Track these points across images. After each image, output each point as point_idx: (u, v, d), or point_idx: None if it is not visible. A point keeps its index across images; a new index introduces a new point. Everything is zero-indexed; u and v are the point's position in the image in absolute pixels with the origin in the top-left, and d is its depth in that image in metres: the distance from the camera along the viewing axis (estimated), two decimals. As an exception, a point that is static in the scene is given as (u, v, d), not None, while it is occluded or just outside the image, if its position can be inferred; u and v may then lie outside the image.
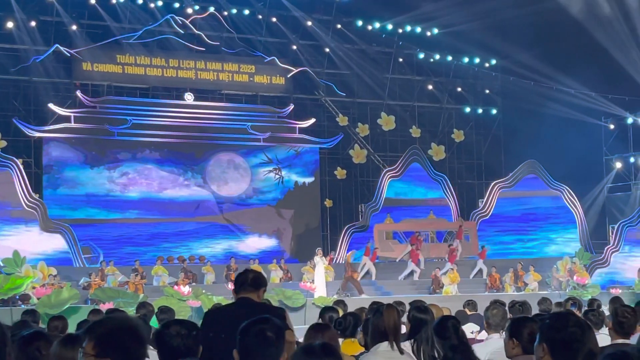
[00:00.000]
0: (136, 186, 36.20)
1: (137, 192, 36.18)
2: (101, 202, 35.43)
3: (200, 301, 26.51)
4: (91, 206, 35.20)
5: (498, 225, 38.74)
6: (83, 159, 35.27)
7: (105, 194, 35.56)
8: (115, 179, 35.83)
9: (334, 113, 40.88)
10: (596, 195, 40.48)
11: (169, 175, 36.84)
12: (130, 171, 36.17)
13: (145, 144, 36.37)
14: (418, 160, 39.54)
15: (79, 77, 36.14)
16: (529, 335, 5.65)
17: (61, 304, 25.24)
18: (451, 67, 42.70)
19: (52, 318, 10.07)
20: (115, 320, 3.85)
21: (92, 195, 35.27)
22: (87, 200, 35.14)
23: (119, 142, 35.90)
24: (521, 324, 5.82)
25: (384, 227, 36.53)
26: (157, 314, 10.74)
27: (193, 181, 37.25)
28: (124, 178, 36.00)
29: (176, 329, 5.04)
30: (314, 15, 39.94)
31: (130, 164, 36.19)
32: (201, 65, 38.15)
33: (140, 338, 3.82)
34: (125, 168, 36.07)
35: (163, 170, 36.72)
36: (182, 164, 37.09)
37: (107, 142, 35.67)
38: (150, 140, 36.36)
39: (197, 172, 37.34)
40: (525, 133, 39.58)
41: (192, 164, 37.27)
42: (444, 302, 20.62)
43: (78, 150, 35.14)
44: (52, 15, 35.49)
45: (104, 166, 35.66)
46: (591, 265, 35.37)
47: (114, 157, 35.89)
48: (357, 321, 8.26)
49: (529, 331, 5.70)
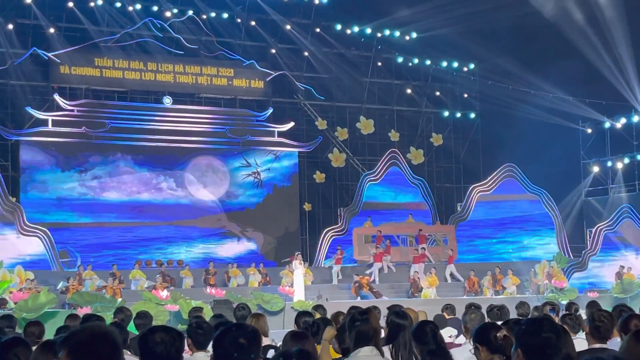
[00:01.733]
0: (113, 190, 36.06)
1: (115, 195, 36.03)
2: (77, 206, 35.24)
3: (178, 305, 26.40)
4: (67, 210, 35.02)
5: (476, 229, 38.84)
6: (55, 163, 35.06)
7: (81, 197, 35.38)
8: (91, 183, 35.66)
9: (313, 117, 40.89)
10: (574, 199, 40.67)
11: (147, 179, 36.72)
12: (107, 175, 36.02)
13: (123, 147, 36.23)
14: (397, 164, 39.60)
15: (56, 81, 35.97)
16: (495, 338, 5.72)
17: (38, 308, 25.09)
18: (430, 71, 42.84)
19: (28, 323, 9.98)
20: (89, 329, 3.85)
21: (67, 199, 35.07)
22: (62, 204, 34.95)
23: (97, 146, 35.74)
24: (485, 332, 5.86)
25: (363, 230, 36.55)
26: (135, 319, 10.68)
27: (171, 184, 37.13)
28: (100, 181, 35.84)
29: (161, 336, 4.99)
30: (292, 19, 39.95)
31: (107, 168, 36.04)
32: (180, 68, 38.08)
33: (114, 346, 3.83)
34: (102, 171, 35.91)
35: (141, 173, 36.59)
36: (160, 167, 36.96)
37: (84, 145, 35.49)
38: (128, 144, 36.22)
39: (176, 176, 37.22)
40: (503, 137, 39.71)
41: (171, 168, 37.16)
42: (423, 305, 20.66)
43: (49, 153, 34.92)
44: (30, 18, 35.31)
45: (78, 169, 35.46)
46: (569, 269, 35.53)
47: (91, 161, 35.72)
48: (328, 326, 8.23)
49: (494, 334, 5.75)
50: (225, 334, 4.58)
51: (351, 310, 8.13)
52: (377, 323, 6.46)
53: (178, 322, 25.09)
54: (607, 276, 35.23)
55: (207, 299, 27.19)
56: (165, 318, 25.61)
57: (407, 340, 6.87)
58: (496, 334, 5.76)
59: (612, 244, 36.66)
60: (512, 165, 39.36)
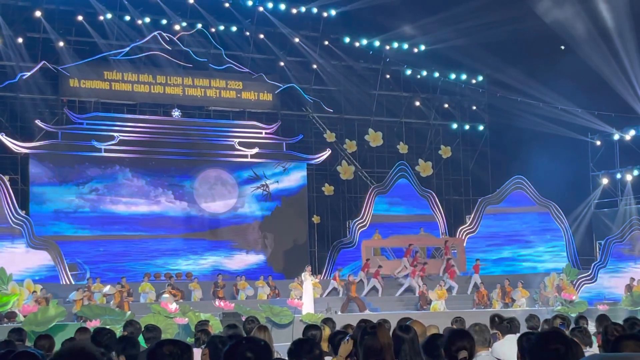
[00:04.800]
0: (122, 203, 36.08)
1: (123, 208, 36.04)
2: (86, 219, 35.27)
3: (187, 318, 26.40)
4: (76, 223, 35.04)
5: (485, 242, 38.76)
6: (65, 175, 35.05)
7: (90, 210, 35.42)
8: (100, 196, 35.69)
9: (321, 129, 40.91)
10: (583, 212, 40.55)
11: (156, 192, 36.75)
12: (117, 187, 36.06)
13: (131, 160, 36.28)
14: (405, 176, 39.58)
15: (66, 94, 36.07)
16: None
17: (48, 321, 25.12)
18: (438, 84, 42.84)
19: (38, 337, 10.00)
20: (68, 348, 3.91)
21: (75, 212, 35.10)
22: (71, 217, 34.97)
23: (106, 159, 35.81)
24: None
25: (371, 243, 36.50)
26: (144, 332, 10.69)
27: (180, 197, 37.16)
28: (109, 194, 35.86)
29: (169, 349, 5.00)
30: (301, 32, 40.03)
31: (116, 180, 36.07)
32: (188, 81, 38.15)
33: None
34: (111, 184, 35.94)
35: (150, 186, 36.63)
36: (169, 180, 36.99)
37: (93, 158, 35.56)
38: (137, 156, 36.28)
39: (185, 189, 37.26)
40: (512, 149, 39.68)
41: (180, 180, 37.19)
42: (432, 318, 20.62)
43: (59, 166, 34.96)
44: (39, 31, 35.43)
45: (87, 182, 35.47)
46: (578, 281, 35.43)
47: (99, 173, 35.77)
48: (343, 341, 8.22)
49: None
50: (236, 347, 4.58)
51: (361, 323, 8.11)
52: (386, 338, 6.43)
53: (187, 335, 25.09)
54: (617, 288, 35.10)
55: (216, 312, 27.22)
56: (174, 331, 25.63)
57: (408, 353, 6.85)
58: None
59: (621, 256, 36.54)
60: (521, 177, 39.29)
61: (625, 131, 39.18)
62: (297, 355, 6.12)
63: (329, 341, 8.81)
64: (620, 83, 36.47)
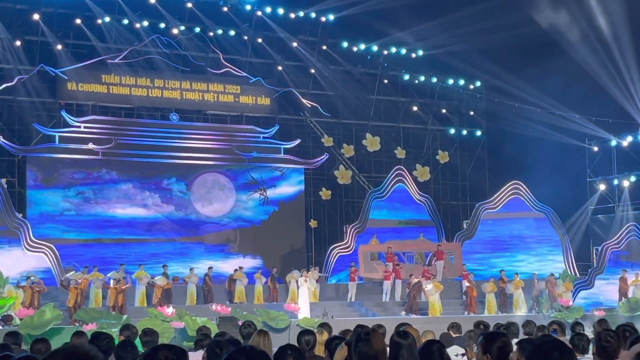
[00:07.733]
0: (119, 206, 36.08)
1: (120, 211, 36.05)
2: (83, 223, 35.27)
3: (184, 322, 26.38)
4: (72, 226, 35.05)
5: (482, 247, 38.76)
6: (62, 179, 35.08)
7: (87, 214, 35.42)
8: (96, 199, 35.70)
9: (319, 134, 40.94)
10: (580, 218, 40.58)
11: (153, 195, 36.75)
12: (113, 191, 36.07)
13: (129, 163, 36.29)
14: (403, 181, 39.58)
15: (63, 97, 36.07)
16: (499, 349, 5.78)
17: (44, 325, 25.09)
18: (436, 89, 42.89)
19: (35, 340, 9.98)
20: (66, 349, 3.87)
21: (72, 215, 35.10)
22: (67, 220, 34.97)
23: (103, 162, 35.81)
24: (492, 339, 5.91)
25: (368, 248, 36.49)
26: (141, 336, 10.67)
27: (177, 201, 37.17)
28: (105, 198, 35.87)
29: (165, 354, 5.01)
30: (299, 37, 40.07)
31: (113, 184, 36.08)
32: (186, 85, 38.17)
33: None
34: (108, 187, 35.96)
35: (147, 190, 36.63)
36: (166, 183, 37.00)
37: (90, 162, 35.56)
38: (135, 160, 36.27)
39: (182, 192, 37.26)
40: (509, 155, 39.70)
41: (177, 184, 37.19)
42: (429, 324, 20.63)
43: (55, 169, 34.96)
44: (37, 35, 35.44)
45: (84, 185, 35.49)
46: (575, 287, 35.43)
47: (97, 177, 35.78)
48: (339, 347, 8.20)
49: (499, 345, 5.79)
50: (232, 356, 4.56)
51: (357, 329, 8.10)
52: (380, 344, 6.39)
53: (183, 339, 25.07)
54: (613, 294, 35.07)
55: (212, 316, 27.18)
56: (171, 335, 25.60)
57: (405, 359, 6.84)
58: (499, 346, 5.80)
59: (618, 262, 36.55)
60: (519, 183, 39.32)
61: (623, 137, 39.21)
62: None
63: (326, 346, 8.78)
64: (618, 89, 36.53)
